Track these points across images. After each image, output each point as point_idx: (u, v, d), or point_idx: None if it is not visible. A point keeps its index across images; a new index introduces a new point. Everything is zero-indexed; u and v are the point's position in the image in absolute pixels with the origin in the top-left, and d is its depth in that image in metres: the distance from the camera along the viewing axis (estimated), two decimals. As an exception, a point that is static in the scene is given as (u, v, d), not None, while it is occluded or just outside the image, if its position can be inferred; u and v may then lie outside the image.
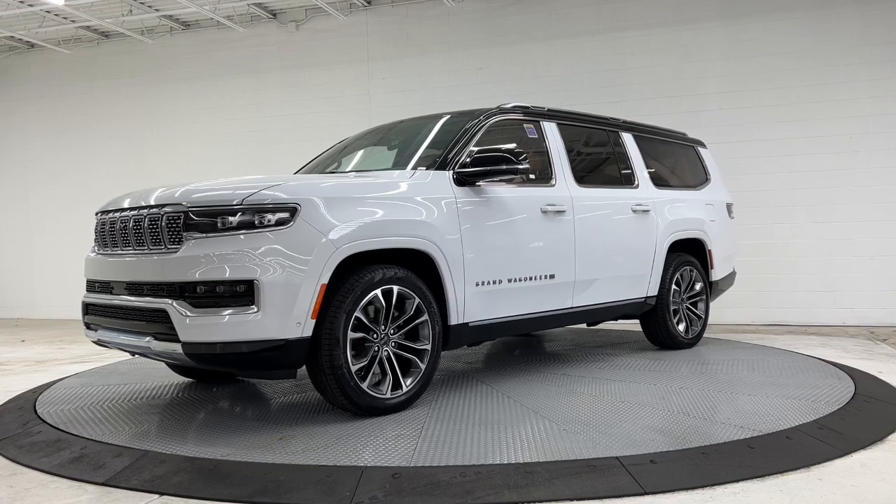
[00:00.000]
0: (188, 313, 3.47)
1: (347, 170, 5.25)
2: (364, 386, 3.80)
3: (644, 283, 5.79)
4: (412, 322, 4.04)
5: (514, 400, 4.27)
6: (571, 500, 2.73)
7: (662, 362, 5.51)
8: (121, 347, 4.03)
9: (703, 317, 6.39)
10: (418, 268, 4.15)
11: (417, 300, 4.02)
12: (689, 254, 6.26)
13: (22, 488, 3.04)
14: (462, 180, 4.43)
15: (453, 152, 4.53)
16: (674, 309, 6.07)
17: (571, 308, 5.18)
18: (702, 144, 7.03)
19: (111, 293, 4.00)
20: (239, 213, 3.55)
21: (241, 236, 3.52)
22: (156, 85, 10.98)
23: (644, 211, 5.73)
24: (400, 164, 4.68)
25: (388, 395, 3.92)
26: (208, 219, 3.56)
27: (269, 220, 3.56)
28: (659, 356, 5.78)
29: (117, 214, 4.01)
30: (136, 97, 11.06)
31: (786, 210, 8.39)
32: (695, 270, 6.28)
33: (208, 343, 3.47)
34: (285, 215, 3.59)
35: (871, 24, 8.16)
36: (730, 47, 8.60)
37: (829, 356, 5.82)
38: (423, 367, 4.07)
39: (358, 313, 3.76)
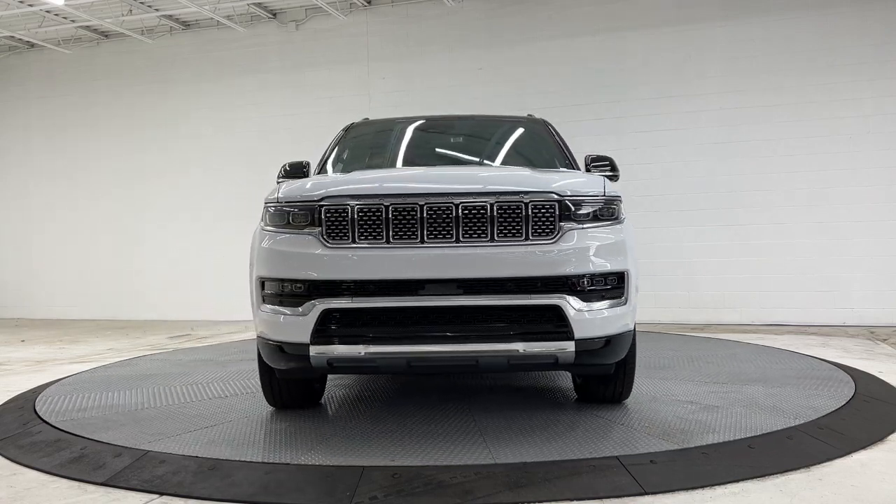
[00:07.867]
0: (582, 308, 3.37)
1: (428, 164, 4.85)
2: None
3: None
4: None
5: (511, 402, 4.26)
6: (571, 500, 2.73)
7: (653, 368, 5.51)
8: (416, 361, 3.43)
9: None
10: None
11: None
12: None
13: (22, 488, 3.04)
14: None
15: (570, 156, 4.71)
16: None
17: None
18: None
19: (417, 294, 3.40)
20: (598, 205, 3.56)
21: (609, 227, 3.55)
22: (156, 85, 10.98)
23: None
24: (530, 163, 4.70)
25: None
26: (580, 208, 3.52)
27: (611, 212, 3.60)
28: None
29: (419, 200, 3.43)
30: (136, 97, 11.06)
31: (786, 210, 8.38)
32: None
33: (597, 338, 3.40)
34: (618, 207, 3.66)
35: (871, 23, 8.15)
36: (730, 47, 8.60)
37: (829, 356, 5.82)
38: None
39: None
